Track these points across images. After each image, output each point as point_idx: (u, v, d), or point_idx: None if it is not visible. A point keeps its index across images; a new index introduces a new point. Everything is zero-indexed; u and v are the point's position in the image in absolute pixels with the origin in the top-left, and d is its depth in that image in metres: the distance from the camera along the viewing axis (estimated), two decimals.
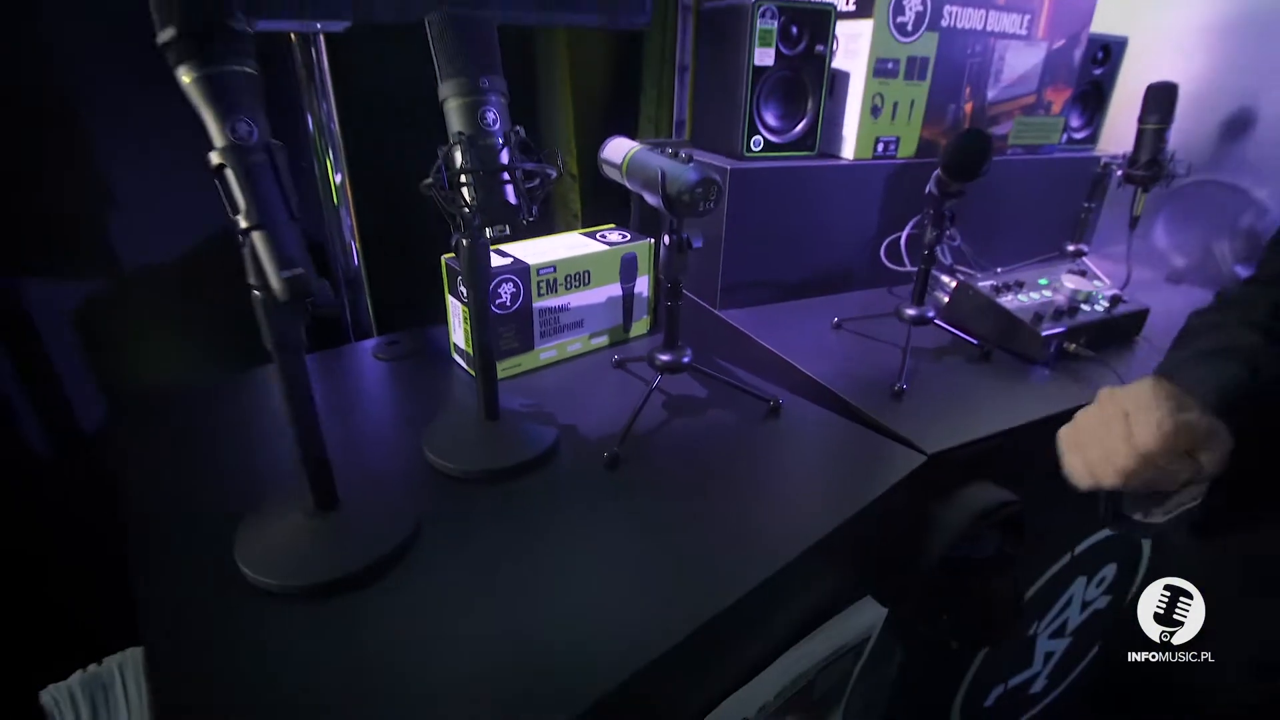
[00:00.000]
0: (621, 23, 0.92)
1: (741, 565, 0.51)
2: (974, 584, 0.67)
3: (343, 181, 0.89)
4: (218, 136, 0.37)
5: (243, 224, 0.37)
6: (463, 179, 0.45)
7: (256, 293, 0.41)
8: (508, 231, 0.47)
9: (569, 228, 1.19)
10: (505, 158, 0.46)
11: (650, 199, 0.61)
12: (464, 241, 0.53)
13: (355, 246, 0.93)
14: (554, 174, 0.48)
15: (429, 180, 0.45)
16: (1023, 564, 0.75)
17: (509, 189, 0.46)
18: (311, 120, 0.83)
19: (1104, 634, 1.14)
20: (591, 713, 0.40)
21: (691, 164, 0.57)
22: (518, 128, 0.46)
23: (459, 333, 0.77)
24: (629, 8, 0.90)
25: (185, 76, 0.36)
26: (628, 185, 0.65)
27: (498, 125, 0.46)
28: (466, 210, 0.46)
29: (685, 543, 0.54)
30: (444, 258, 0.75)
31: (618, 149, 0.65)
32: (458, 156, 0.45)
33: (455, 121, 0.45)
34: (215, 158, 0.37)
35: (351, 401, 0.74)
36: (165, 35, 0.35)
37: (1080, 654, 1.14)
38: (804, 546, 0.53)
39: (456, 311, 0.76)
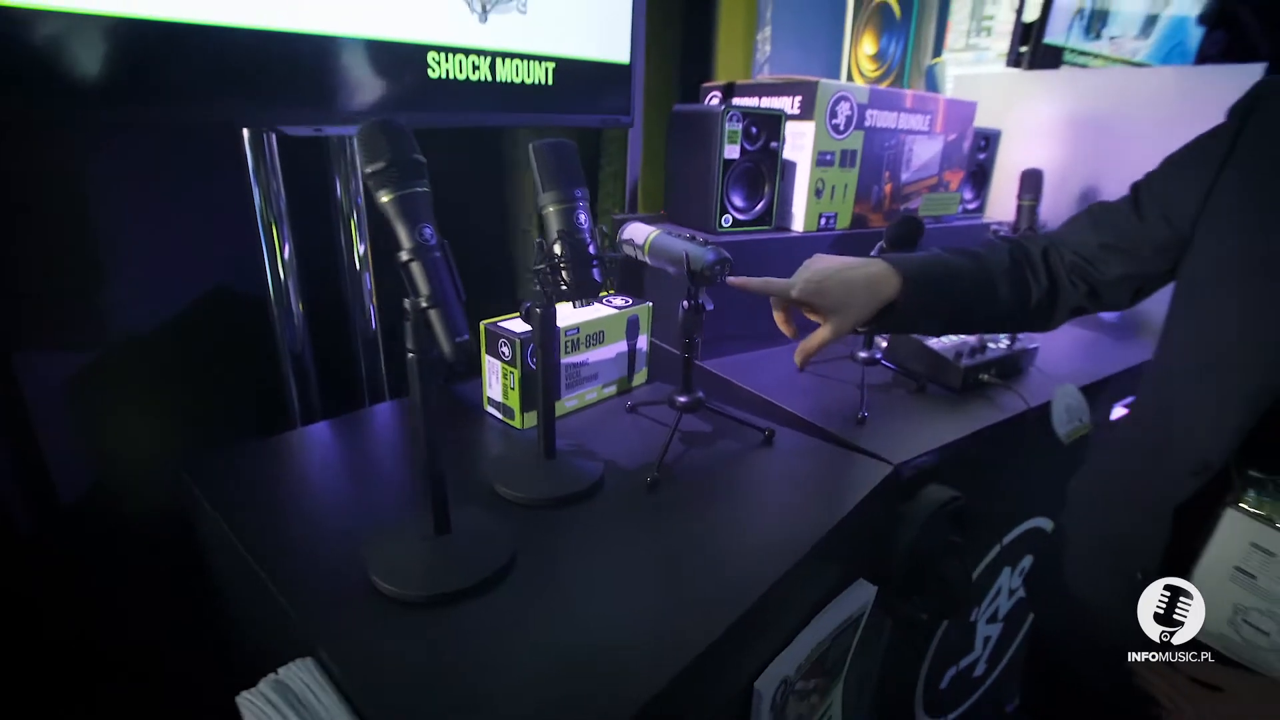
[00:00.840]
0: (610, 123, 1.10)
1: (767, 562, 0.64)
2: (934, 567, 0.84)
3: (365, 251, 1.00)
4: (406, 239, 0.49)
5: (423, 304, 0.50)
6: (561, 264, 0.59)
7: (411, 355, 0.53)
8: (589, 303, 0.61)
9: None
10: (593, 249, 0.60)
11: (673, 271, 0.76)
12: (537, 310, 0.67)
13: (374, 309, 1.04)
14: (619, 258, 0.63)
15: (540, 265, 0.59)
16: (967, 552, 0.93)
17: (596, 271, 0.60)
18: (339, 189, 0.94)
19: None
20: (682, 676, 0.52)
21: (708, 246, 0.74)
22: (601, 226, 0.61)
23: (495, 388, 0.89)
24: (618, 111, 1.08)
25: (385, 197, 0.49)
26: (648, 261, 0.80)
27: (586, 224, 0.60)
28: (564, 288, 0.60)
29: (721, 547, 0.67)
30: (483, 323, 0.87)
31: (638, 232, 0.81)
32: (557, 249, 0.59)
33: (555, 221, 0.60)
34: (405, 255, 0.49)
35: (410, 449, 0.83)
36: (374, 167, 0.48)
37: (1010, 638, 1.33)
38: (812, 542, 0.68)
39: (494, 369, 0.87)
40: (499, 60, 0.90)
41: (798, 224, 1.19)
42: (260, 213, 0.87)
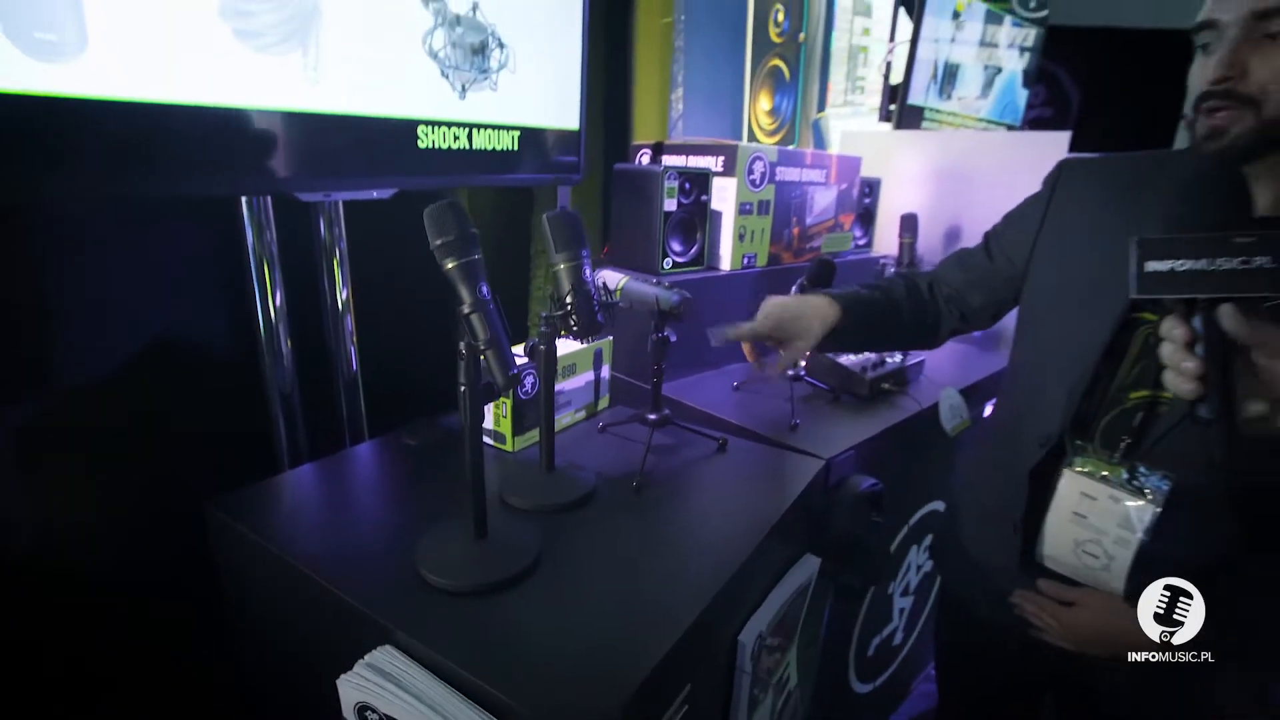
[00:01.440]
0: (562, 180, 1.26)
1: (738, 541, 0.81)
2: (861, 542, 1.03)
3: (348, 296, 1.10)
4: (467, 296, 0.63)
5: (481, 347, 0.63)
6: (571, 310, 0.74)
7: (463, 388, 0.66)
8: (592, 340, 0.76)
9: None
10: (595, 297, 0.76)
11: (641, 310, 0.93)
12: (541, 347, 0.81)
13: (354, 352, 1.13)
14: (617, 304, 0.79)
15: (555, 312, 0.74)
16: (885, 529, 1.14)
17: (600, 315, 0.75)
18: (324, 233, 1.03)
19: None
20: (685, 635, 0.66)
21: (672, 289, 0.91)
22: (602, 274, 0.76)
23: (489, 417, 1.01)
24: (569, 169, 1.24)
25: (450, 264, 0.62)
26: (620, 303, 0.96)
27: (590, 277, 0.75)
28: (575, 327, 0.75)
29: (700, 533, 0.83)
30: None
31: (610, 278, 0.97)
32: (569, 298, 0.74)
33: (566, 276, 0.74)
34: (466, 308, 0.63)
35: (421, 474, 0.94)
36: (443, 239, 0.62)
37: (920, 609, 1.57)
38: (770, 524, 0.85)
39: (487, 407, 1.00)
40: (475, 130, 1.05)
41: (725, 264, 1.39)
42: (254, 259, 0.95)
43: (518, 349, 0.84)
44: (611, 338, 1.16)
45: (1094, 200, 0.82)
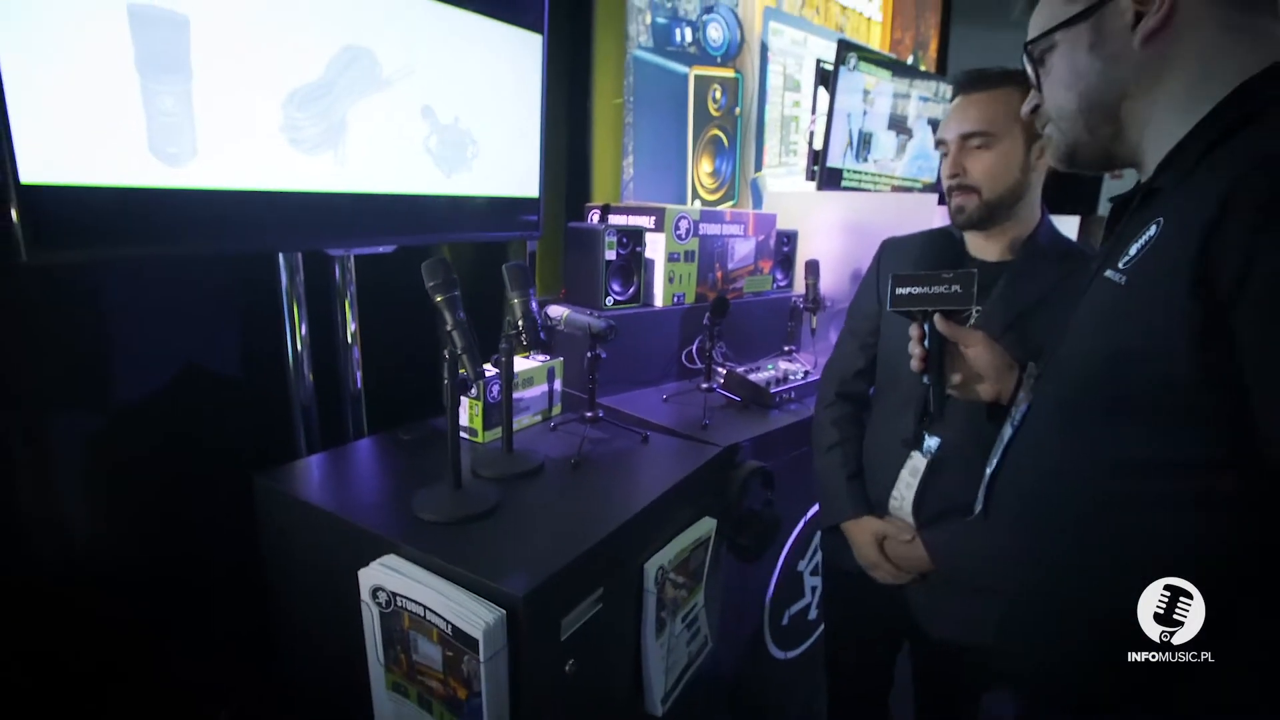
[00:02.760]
0: (525, 235, 1.62)
1: (644, 495, 1.14)
2: (754, 512, 1.37)
3: (356, 330, 1.44)
4: (450, 319, 0.97)
5: (458, 350, 0.97)
6: (522, 330, 1.09)
7: (446, 381, 1.00)
8: (537, 353, 1.11)
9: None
10: (539, 322, 1.10)
11: (579, 334, 1.28)
12: (503, 359, 1.15)
13: (359, 374, 1.46)
14: (554, 327, 1.13)
15: (511, 331, 1.08)
16: (784, 511, 1.46)
17: (542, 334, 1.10)
18: (339, 276, 1.37)
19: None
20: (597, 547, 0.99)
21: (600, 318, 1.26)
22: (544, 310, 1.11)
23: (464, 416, 1.34)
24: (531, 228, 1.61)
25: (439, 297, 0.97)
26: (563, 329, 1.31)
27: (535, 308, 1.10)
28: (523, 341, 1.09)
29: (620, 494, 1.16)
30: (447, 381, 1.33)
31: (557, 311, 1.32)
32: (520, 323, 1.09)
33: (518, 307, 1.09)
34: (449, 327, 0.97)
35: (412, 459, 1.26)
36: (435, 281, 0.96)
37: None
38: (671, 484, 1.18)
39: (463, 403, 1.33)
40: (458, 201, 1.41)
41: (658, 301, 1.75)
42: (286, 299, 1.29)
43: (488, 365, 1.18)
44: (562, 358, 1.51)
45: (904, 263, 1.21)
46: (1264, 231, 0.50)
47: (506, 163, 1.50)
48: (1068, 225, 2.29)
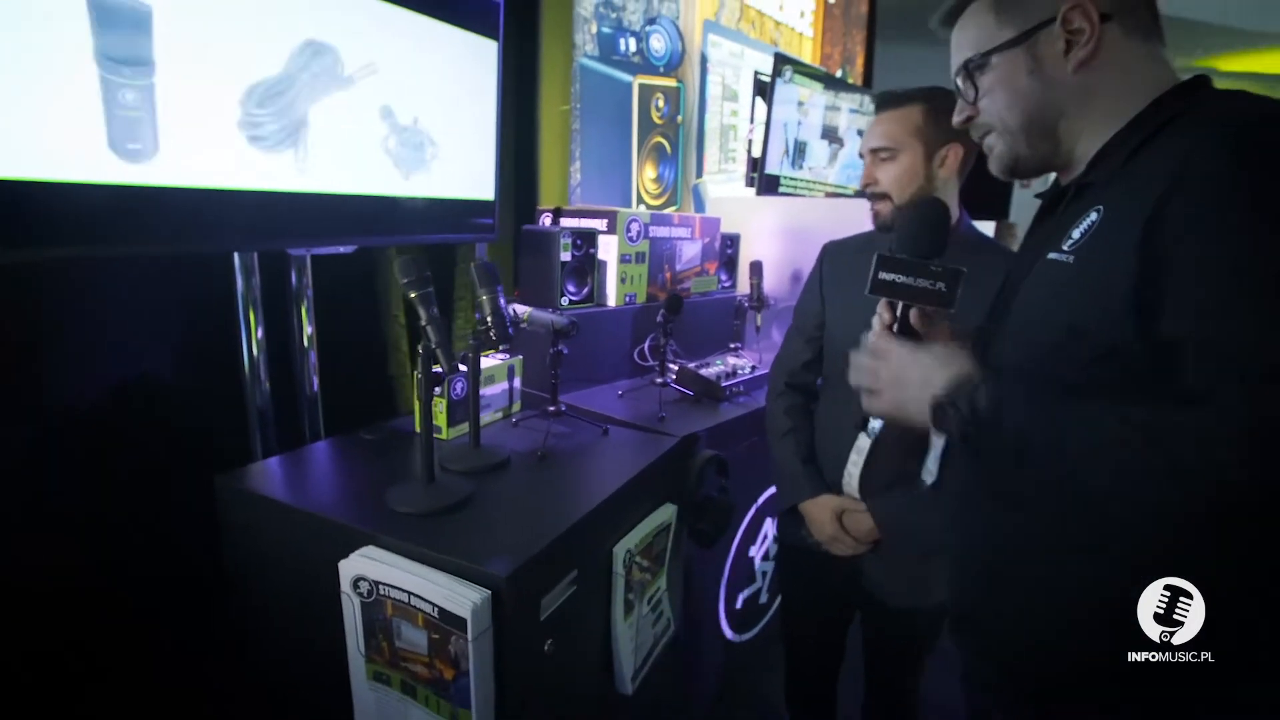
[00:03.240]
0: (481, 237, 1.65)
1: (613, 481, 1.20)
2: (710, 498, 1.44)
3: (313, 333, 1.43)
4: (424, 314, 1.00)
5: (433, 346, 1.00)
6: (491, 326, 1.12)
7: (419, 375, 1.03)
8: (502, 348, 1.15)
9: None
10: (509, 317, 1.14)
11: (541, 332, 1.32)
12: (470, 355, 1.19)
13: (316, 378, 1.46)
14: (519, 322, 1.18)
15: (480, 328, 1.12)
16: (737, 498, 1.54)
17: (510, 329, 1.14)
18: (295, 281, 1.37)
19: None
20: (567, 533, 1.04)
21: (564, 315, 1.31)
22: (516, 308, 1.15)
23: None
24: (487, 230, 1.64)
25: (413, 293, 1.00)
26: (526, 326, 1.35)
27: (503, 305, 1.14)
28: (493, 337, 1.13)
29: (584, 483, 1.21)
30: (415, 374, 1.35)
31: (521, 309, 1.36)
32: (489, 318, 1.12)
33: (487, 304, 1.13)
34: (424, 322, 1.00)
35: (378, 457, 1.27)
36: (409, 278, 0.99)
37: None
38: (634, 473, 1.24)
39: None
40: (416, 202, 1.43)
41: (611, 301, 1.81)
42: (242, 302, 1.28)
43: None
44: (521, 356, 1.55)
45: (844, 262, 1.31)
46: (1206, 196, 0.59)
47: (464, 166, 1.53)
48: (985, 228, 2.49)
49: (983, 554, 0.82)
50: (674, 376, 1.75)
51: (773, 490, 1.82)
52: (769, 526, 1.87)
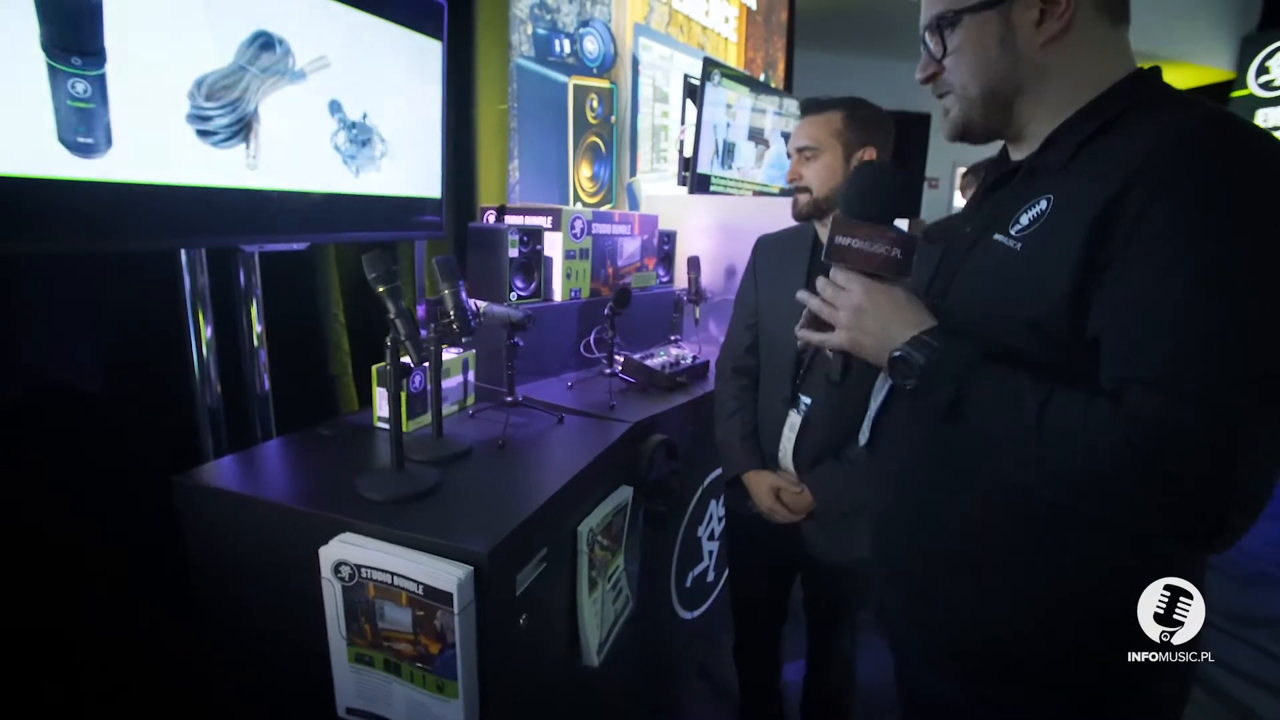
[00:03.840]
0: (429, 235, 1.68)
1: (573, 466, 1.26)
2: (662, 480, 1.53)
3: (263, 331, 1.43)
4: (393, 308, 1.04)
5: (401, 336, 1.04)
6: (453, 319, 1.16)
7: (388, 367, 1.06)
8: (465, 340, 1.19)
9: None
10: (471, 312, 1.19)
11: (497, 325, 1.37)
12: (431, 349, 1.23)
13: (267, 376, 1.46)
14: (480, 315, 1.22)
15: (445, 321, 1.15)
16: (685, 480, 1.64)
17: (473, 323, 1.19)
18: (244, 279, 1.37)
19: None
20: (534, 515, 1.10)
21: (520, 309, 1.36)
22: (473, 302, 1.19)
23: (385, 408, 1.38)
24: (434, 227, 1.67)
25: (381, 287, 1.03)
26: (484, 322, 1.40)
27: (465, 300, 1.19)
28: (455, 329, 1.17)
29: (544, 469, 1.27)
30: (375, 367, 1.38)
31: (480, 304, 1.40)
32: (452, 312, 1.16)
33: (449, 299, 1.17)
34: (392, 315, 1.03)
35: (338, 451, 1.29)
36: (376, 272, 1.02)
37: (724, 553, 2.10)
38: (592, 457, 1.31)
39: (384, 396, 1.38)
40: (366, 200, 1.45)
41: (557, 296, 1.87)
42: (190, 300, 1.27)
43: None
44: (475, 350, 1.59)
45: (774, 254, 1.43)
46: (1158, 200, 0.59)
47: (411, 163, 1.56)
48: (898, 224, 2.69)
49: (910, 516, 0.85)
50: (620, 367, 1.83)
51: (717, 472, 1.93)
52: (714, 507, 1.98)
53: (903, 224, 2.51)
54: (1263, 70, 5.71)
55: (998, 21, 0.71)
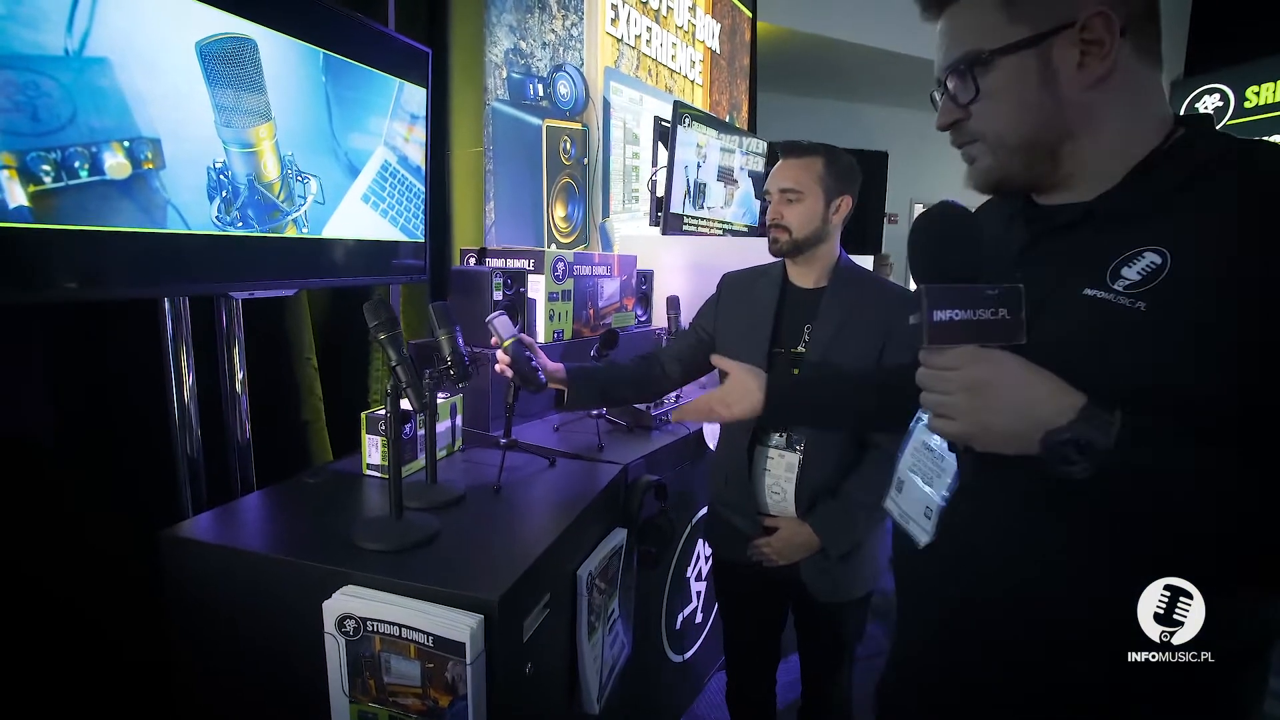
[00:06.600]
0: (413, 279, 1.70)
1: (567, 513, 1.28)
2: (652, 521, 1.55)
3: (244, 378, 1.43)
4: (394, 355, 1.06)
5: (403, 384, 1.06)
6: (451, 366, 1.19)
7: (389, 413, 1.08)
8: (462, 385, 1.21)
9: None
10: (466, 357, 1.21)
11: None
12: (427, 394, 1.24)
13: (248, 424, 1.45)
14: (477, 362, 1.25)
15: (443, 366, 1.18)
16: (675, 520, 1.66)
17: (468, 369, 1.21)
18: (225, 323, 1.37)
19: None
20: (536, 563, 1.11)
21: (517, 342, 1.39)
22: (469, 349, 1.22)
23: (375, 455, 1.39)
24: (418, 271, 1.69)
25: (382, 335, 1.05)
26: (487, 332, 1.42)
27: (462, 345, 1.21)
28: (452, 374, 1.19)
29: (542, 513, 1.29)
30: (364, 414, 1.38)
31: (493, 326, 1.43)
32: (449, 358, 1.19)
33: (446, 344, 1.19)
34: (394, 363, 1.05)
35: (325, 500, 1.28)
36: (378, 320, 1.05)
37: (712, 595, 2.12)
38: (587, 503, 1.34)
39: (374, 442, 1.38)
40: (355, 244, 1.47)
41: (540, 338, 1.90)
42: (172, 347, 1.27)
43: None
44: (461, 394, 1.60)
45: (740, 290, 1.50)
46: None
47: (394, 206, 1.59)
48: (864, 262, 2.81)
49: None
50: (606, 408, 1.86)
51: (704, 511, 1.96)
52: (700, 547, 2.01)
53: (865, 261, 2.62)
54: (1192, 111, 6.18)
55: (1037, 63, 0.65)
